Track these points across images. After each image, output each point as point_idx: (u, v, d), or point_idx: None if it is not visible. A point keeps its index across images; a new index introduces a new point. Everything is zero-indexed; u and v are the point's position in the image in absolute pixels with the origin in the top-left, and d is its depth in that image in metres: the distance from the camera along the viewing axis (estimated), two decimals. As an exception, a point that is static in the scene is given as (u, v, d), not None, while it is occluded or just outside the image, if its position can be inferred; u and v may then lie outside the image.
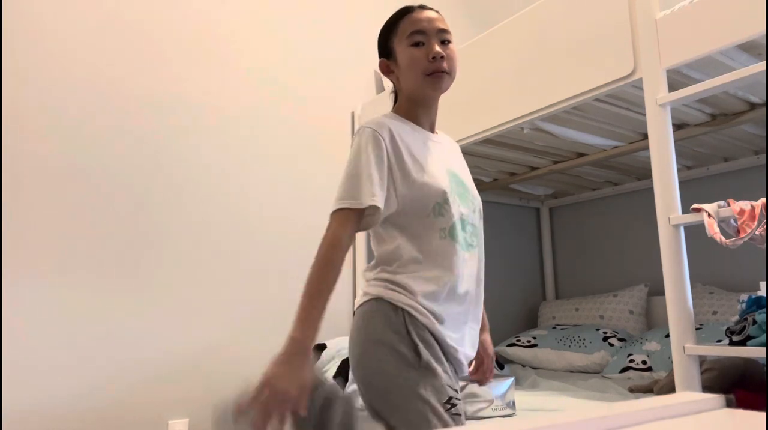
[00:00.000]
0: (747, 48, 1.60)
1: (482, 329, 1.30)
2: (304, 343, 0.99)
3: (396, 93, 1.31)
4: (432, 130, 1.27)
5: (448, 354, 1.11)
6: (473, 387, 1.69)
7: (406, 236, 1.14)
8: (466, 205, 1.20)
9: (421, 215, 1.14)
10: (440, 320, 1.10)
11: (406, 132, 1.19)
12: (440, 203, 1.14)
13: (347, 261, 2.89)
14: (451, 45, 1.20)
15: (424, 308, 1.09)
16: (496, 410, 1.72)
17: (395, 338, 1.06)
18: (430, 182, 1.14)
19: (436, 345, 1.09)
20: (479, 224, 1.25)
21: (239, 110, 2.45)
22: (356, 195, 1.09)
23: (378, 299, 1.12)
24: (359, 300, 1.18)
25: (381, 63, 1.27)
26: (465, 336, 1.16)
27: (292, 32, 2.69)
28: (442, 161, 1.20)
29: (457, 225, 1.15)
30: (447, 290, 1.12)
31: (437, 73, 1.16)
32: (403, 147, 1.15)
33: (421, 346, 1.06)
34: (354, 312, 1.18)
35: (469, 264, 1.17)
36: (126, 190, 2.12)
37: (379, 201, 1.09)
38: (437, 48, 1.16)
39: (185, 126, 2.30)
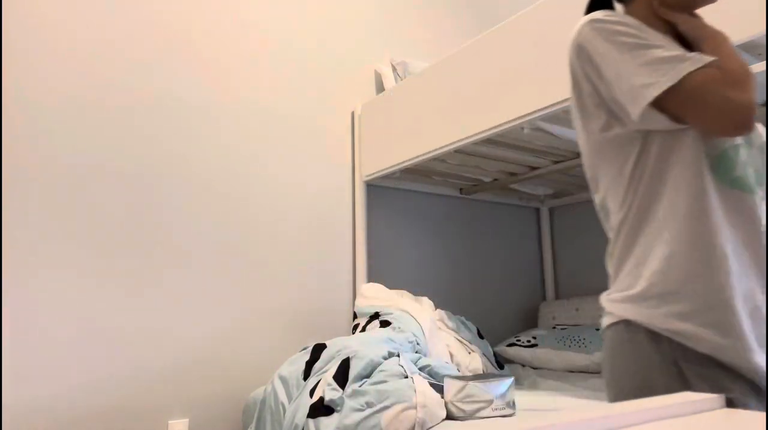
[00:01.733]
0: (747, 48, 1.60)
1: None
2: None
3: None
4: None
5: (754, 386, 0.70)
6: (473, 387, 1.69)
7: (671, 174, 0.76)
8: None
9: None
10: (737, 333, 0.68)
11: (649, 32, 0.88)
12: None
13: (346, 260, 2.88)
14: None
15: (705, 323, 0.68)
16: (496, 410, 1.72)
17: None
18: None
19: (737, 383, 0.69)
20: (760, 165, 0.84)
21: (239, 110, 2.45)
22: (667, 68, 0.77)
23: (627, 324, 0.72)
24: (604, 318, 0.80)
25: None
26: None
27: (292, 32, 2.69)
28: None
29: (731, 153, 0.78)
30: (737, 277, 0.71)
31: None
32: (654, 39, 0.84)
33: None
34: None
35: (755, 219, 0.76)
36: (127, 189, 2.12)
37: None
38: None
39: (185, 126, 2.30)
